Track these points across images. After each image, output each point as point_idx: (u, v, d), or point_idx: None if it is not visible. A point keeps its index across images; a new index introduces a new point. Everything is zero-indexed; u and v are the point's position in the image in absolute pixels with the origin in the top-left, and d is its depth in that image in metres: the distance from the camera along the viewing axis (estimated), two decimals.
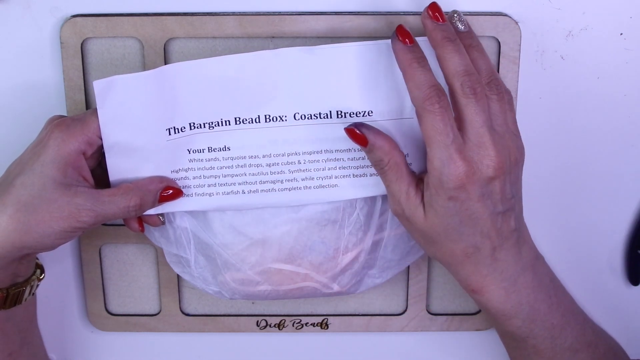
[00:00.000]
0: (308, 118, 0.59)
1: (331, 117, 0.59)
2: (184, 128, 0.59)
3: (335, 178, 0.61)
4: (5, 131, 0.66)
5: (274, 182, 0.61)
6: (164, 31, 0.63)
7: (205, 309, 0.73)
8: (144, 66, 0.64)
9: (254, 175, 0.61)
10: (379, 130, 0.58)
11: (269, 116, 0.59)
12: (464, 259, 0.58)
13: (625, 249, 0.71)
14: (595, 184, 0.69)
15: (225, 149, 0.60)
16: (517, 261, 0.59)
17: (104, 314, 0.72)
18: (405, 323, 0.72)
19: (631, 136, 0.68)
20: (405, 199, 0.58)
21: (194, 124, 0.59)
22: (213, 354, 0.75)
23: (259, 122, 0.59)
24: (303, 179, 0.61)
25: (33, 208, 0.56)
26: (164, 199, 0.60)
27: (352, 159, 0.61)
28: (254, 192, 0.61)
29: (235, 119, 0.59)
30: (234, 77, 0.58)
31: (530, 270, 0.60)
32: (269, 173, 0.61)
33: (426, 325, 0.73)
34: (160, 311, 0.72)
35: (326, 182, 0.61)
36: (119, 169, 0.60)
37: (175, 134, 0.59)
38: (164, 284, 0.71)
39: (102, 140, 0.58)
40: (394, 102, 0.59)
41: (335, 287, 0.65)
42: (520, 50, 0.64)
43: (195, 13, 0.63)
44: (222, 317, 0.72)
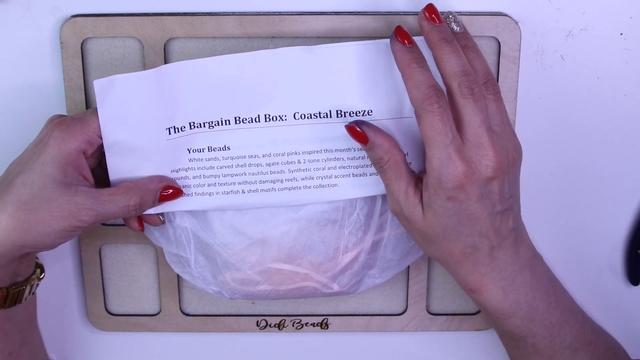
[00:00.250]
0: (308, 117, 0.59)
1: (331, 117, 0.59)
2: (184, 127, 0.59)
3: (335, 178, 0.61)
4: (5, 131, 0.66)
5: (273, 182, 0.61)
6: (164, 31, 0.63)
7: (205, 309, 0.73)
8: (144, 66, 0.64)
9: (253, 174, 0.61)
10: (379, 128, 0.58)
11: (269, 116, 0.59)
12: (462, 259, 0.58)
13: (625, 249, 0.71)
14: (595, 184, 0.69)
15: (225, 148, 0.60)
16: (515, 260, 0.59)
17: (104, 314, 0.72)
18: (405, 323, 0.72)
19: (631, 136, 0.68)
20: (404, 198, 0.58)
21: (194, 123, 0.59)
22: (213, 354, 0.75)
23: (259, 121, 0.59)
24: (303, 179, 0.61)
25: (33, 207, 0.56)
26: (164, 198, 0.60)
27: (352, 159, 0.61)
28: (253, 192, 0.61)
29: (235, 118, 0.59)
30: (234, 77, 0.58)
31: (528, 269, 0.60)
32: (269, 173, 0.61)
33: (426, 325, 0.73)
34: (160, 311, 0.72)
35: (326, 181, 0.61)
36: (119, 168, 0.60)
37: (175, 133, 0.59)
38: (164, 284, 0.71)
39: (102, 139, 0.59)
40: (394, 102, 0.59)
41: (335, 287, 0.65)
42: (520, 50, 0.64)
43: (195, 13, 0.63)
44: (222, 317, 0.72)
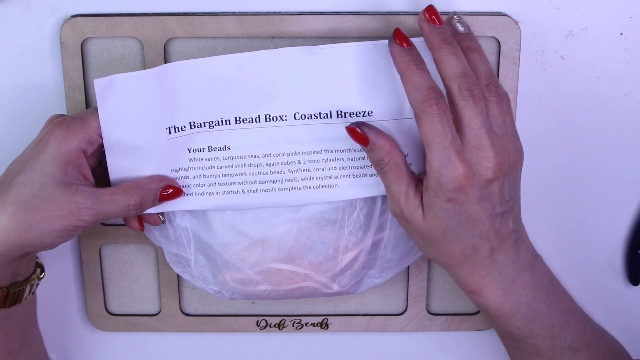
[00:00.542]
0: (308, 118, 0.59)
1: (331, 117, 0.59)
2: (184, 127, 0.59)
3: (335, 178, 0.61)
4: (5, 131, 0.66)
5: (273, 182, 0.61)
6: (164, 31, 0.63)
7: (205, 309, 0.73)
8: (144, 66, 0.64)
9: (253, 174, 0.61)
10: (380, 130, 0.58)
11: (269, 116, 0.59)
12: (462, 261, 0.58)
13: (625, 249, 0.71)
14: (595, 184, 0.69)
15: (225, 148, 0.60)
16: (515, 262, 0.59)
17: (104, 314, 0.72)
18: (405, 323, 0.72)
19: (631, 136, 0.68)
20: (404, 199, 0.58)
21: (194, 123, 0.59)
22: (213, 354, 0.75)
23: (259, 121, 0.59)
24: (303, 179, 0.61)
25: (33, 206, 0.56)
26: (164, 198, 0.60)
27: (352, 159, 0.61)
28: (253, 192, 0.61)
29: (236, 118, 0.59)
30: (234, 77, 0.58)
31: (528, 270, 0.60)
32: (269, 173, 0.61)
33: (426, 325, 0.73)
34: (160, 311, 0.72)
35: (326, 182, 0.61)
36: (119, 167, 0.60)
37: (176, 133, 0.59)
38: (164, 284, 0.71)
39: (102, 138, 0.59)
40: (394, 102, 0.59)
41: (335, 287, 0.65)
42: (520, 50, 0.64)
43: (195, 13, 0.63)
44: (222, 317, 0.72)
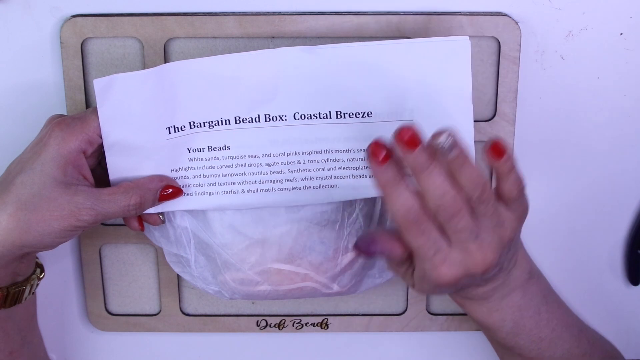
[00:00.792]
0: (308, 118, 0.59)
1: (331, 117, 0.59)
2: (184, 127, 0.59)
3: (335, 178, 0.61)
4: (5, 131, 0.66)
5: (273, 182, 0.61)
6: (164, 31, 0.63)
7: (205, 309, 0.73)
8: (144, 66, 0.64)
9: (253, 174, 0.61)
10: (388, 242, 0.57)
11: (269, 116, 0.59)
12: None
13: (625, 249, 0.71)
14: (595, 184, 0.69)
15: (225, 148, 0.60)
16: (504, 286, 0.59)
17: (104, 314, 0.72)
18: (405, 323, 0.72)
19: (631, 136, 0.68)
20: (401, 272, 0.59)
21: (194, 123, 0.59)
22: (213, 354, 0.75)
23: (259, 121, 0.59)
24: (302, 179, 0.61)
25: (33, 207, 0.56)
26: (164, 197, 0.60)
27: (352, 160, 0.61)
28: (253, 192, 0.61)
29: (235, 118, 0.59)
30: (234, 77, 0.58)
31: (519, 290, 0.60)
32: (269, 173, 0.61)
33: (426, 325, 0.73)
34: (160, 311, 0.72)
35: (326, 182, 0.61)
36: (119, 167, 0.60)
37: (175, 132, 0.59)
38: (164, 284, 0.71)
39: (102, 138, 0.59)
40: (394, 103, 0.59)
41: (335, 287, 0.65)
42: (520, 50, 0.64)
43: (195, 13, 0.63)
44: (222, 317, 0.72)
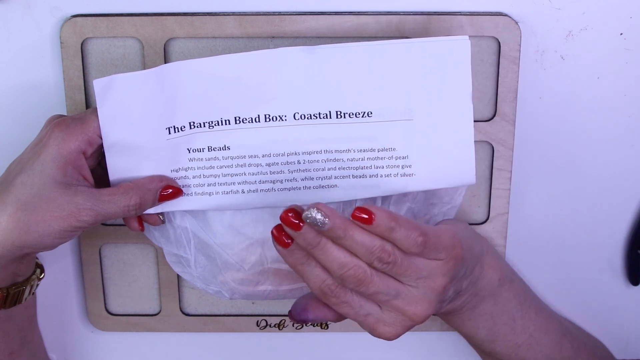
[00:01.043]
0: (308, 118, 0.59)
1: (331, 118, 0.59)
2: (184, 127, 0.59)
3: (335, 178, 0.61)
4: (5, 131, 0.66)
5: (273, 182, 0.61)
6: (164, 31, 0.63)
7: (205, 309, 0.73)
8: (144, 66, 0.64)
9: (253, 175, 0.61)
10: (320, 308, 0.57)
11: (269, 116, 0.59)
12: None
13: (625, 249, 0.71)
14: (595, 184, 0.69)
15: (225, 148, 0.60)
16: (473, 298, 0.60)
17: (104, 314, 0.72)
18: None
19: (631, 136, 0.68)
20: None
21: (193, 123, 0.59)
22: (213, 354, 0.75)
23: (259, 121, 0.59)
24: (302, 179, 0.61)
25: (33, 207, 0.56)
26: (163, 198, 0.60)
27: (352, 160, 0.61)
28: (253, 192, 0.61)
29: (235, 118, 0.59)
30: (234, 77, 0.58)
31: (489, 298, 0.60)
32: (269, 173, 0.61)
33: (426, 325, 0.72)
34: (160, 311, 0.72)
35: (325, 182, 0.61)
36: (118, 168, 0.60)
37: (175, 133, 0.59)
38: (164, 284, 0.71)
39: (102, 139, 0.59)
40: (394, 103, 0.59)
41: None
42: (520, 50, 0.64)
43: (195, 13, 0.63)
44: (222, 317, 0.72)
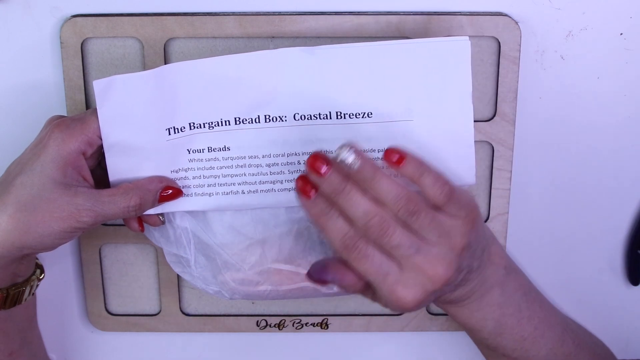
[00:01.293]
0: (308, 119, 0.59)
1: (331, 118, 0.59)
2: (184, 128, 0.59)
3: None
4: (5, 131, 0.66)
5: (273, 183, 0.61)
6: (164, 31, 0.63)
7: (205, 309, 0.73)
8: (144, 66, 0.64)
9: (253, 175, 0.61)
10: (340, 270, 0.55)
11: (269, 116, 0.59)
12: None
13: (625, 249, 0.71)
14: (596, 184, 0.69)
15: (225, 149, 0.60)
16: (482, 285, 0.59)
17: (104, 314, 0.72)
18: (405, 323, 0.72)
19: (631, 136, 0.68)
20: (369, 296, 0.57)
21: (193, 124, 0.59)
22: (213, 354, 0.75)
23: (259, 122, 0.59)
24: None
25: (33, 208, 0.56)
26: (163, 198, 0.60)
27: None
28: (253, 193, 0.61)
29: (235, 119, 0.59)
30: (234, 77, 0.58)
31: (497, 287, 0.60)
32: (269, 173, 0.61)
33: (426, 325, 0.73)
34: (160, 311, 0.72)
35: None
36: (118, 168, 0.60)
37: (175, 133, 0.59)
38: (164, 284, 0.71)
39: (102, 140, 0.59)
40: (394, 104, 0.59)
41: (335, 287, 0.65)
42: (520, 50, 0.64)
43: (195, 13, 0.63)
44: (222, 317, 0.72)
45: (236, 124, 0.59)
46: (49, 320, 0.71)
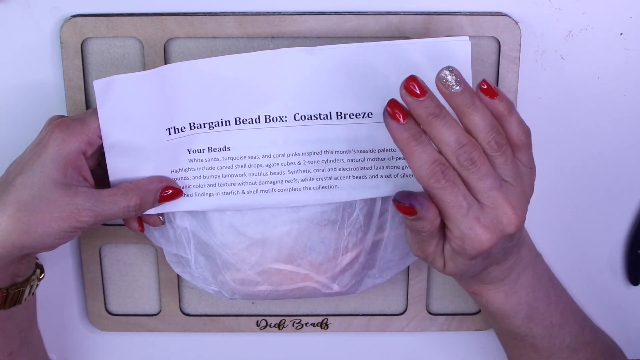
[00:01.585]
0: (308, 119, 0.59)
1: (331, 118, 0.59)
2: (184, 128, 0.59)
3: (335, 179, 0.61)
4: (5, 131, 0.66)
5: (273, 183, 0.61)
6: (164, 31, 0.63)
7: (205, 309, 0.73)
8: (144, 66, 0.64)
9: (253, 175, 0.61)
10: (424, 199, 0.54)
11: (269, 116, 0.59)
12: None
13: (625, 249, 0.71)
14: (595, 184, 0.69)
15: (225, 149, 0.60)
16: (518, 264, 0.59)
17: (104, 314, 0.72)
18: (405, 323, 0.72)
19: (631, 136, 0.68)
20: (430, 252, 0.57)
21: (194, 124, 0.59)
22: (213, 354, 0.75)
23: (259, 122, 0.59)
24: (303, 180, 0.61)
25: (33, 208, 0.56)
26: (163, 198, 0.60)
27: (352, 161, 0.61)
28: (253, 193, 0.61)
29: (236, 119, 0.59)
30: (234, 77, 0.58)
31: (530, 268, 0.60)
32: (269, 173, 0.61)
33: (426, 325, 0.73)
34: (160, 311, 0.72)
35: (326, 183, 0.61)
36: (119, 168, 0.60)
37: (175, 133, 0.59)
38: (164, 284, 0.71)
39: (102, 140, 0.59)
40: None
41: (335, 287, 0.65)
42: (520, 50, 0.64)
43: (195, 13, 0.63)
44: (222, 317, 0.72)
45: (236, 124, 0.59)
46: (49, 320, 0.71)
